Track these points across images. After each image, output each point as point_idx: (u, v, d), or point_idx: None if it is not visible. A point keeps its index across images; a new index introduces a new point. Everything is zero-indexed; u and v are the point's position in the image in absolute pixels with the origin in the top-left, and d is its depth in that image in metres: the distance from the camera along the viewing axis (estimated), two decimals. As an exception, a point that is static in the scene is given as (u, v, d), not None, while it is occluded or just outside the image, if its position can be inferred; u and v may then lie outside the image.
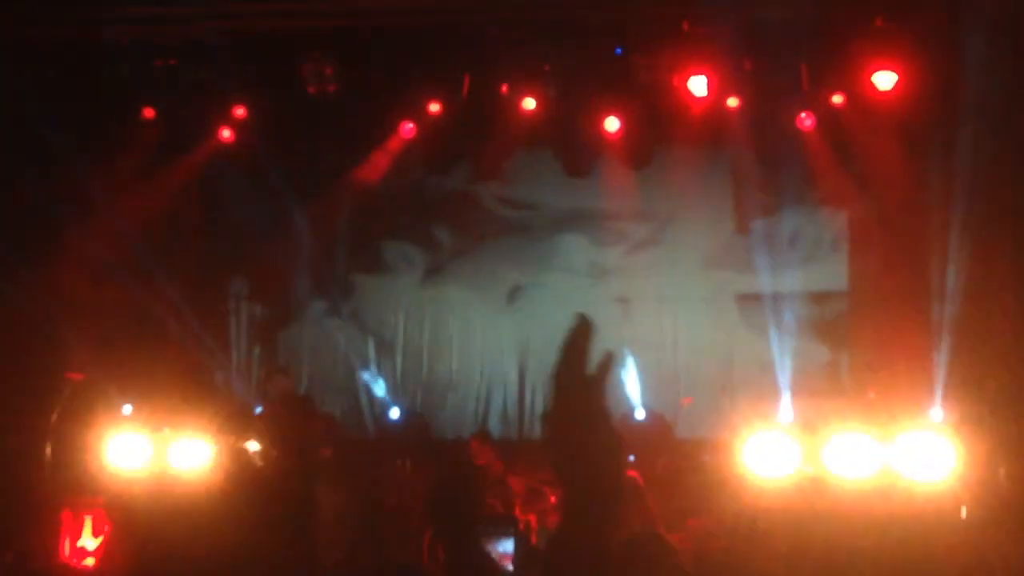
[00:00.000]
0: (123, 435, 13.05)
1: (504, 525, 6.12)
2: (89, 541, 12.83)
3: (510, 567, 5.61)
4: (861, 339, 16.19)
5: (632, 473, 12.68)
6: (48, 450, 13.76)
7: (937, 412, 13.48)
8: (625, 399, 15.74)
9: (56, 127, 14.09)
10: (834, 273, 16.65)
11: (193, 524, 4.16)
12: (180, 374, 15.50)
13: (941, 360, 13.89)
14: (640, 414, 15.89)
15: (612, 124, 15.66)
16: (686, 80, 14.63)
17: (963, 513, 11.62)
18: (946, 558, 11.14)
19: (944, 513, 11.64)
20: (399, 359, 17.27)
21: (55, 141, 14.07)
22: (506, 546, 5.92)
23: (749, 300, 16.66)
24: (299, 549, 4.61)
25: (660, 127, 15.77)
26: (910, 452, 12.11)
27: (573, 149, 16.37)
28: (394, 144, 16.39)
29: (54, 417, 13.92)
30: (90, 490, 12.96)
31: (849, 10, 14.04)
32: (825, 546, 11.77)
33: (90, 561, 12.56)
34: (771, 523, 11.70)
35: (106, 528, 12.49)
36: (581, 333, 4.02)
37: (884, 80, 14.04)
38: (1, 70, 13.36)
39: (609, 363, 3.95)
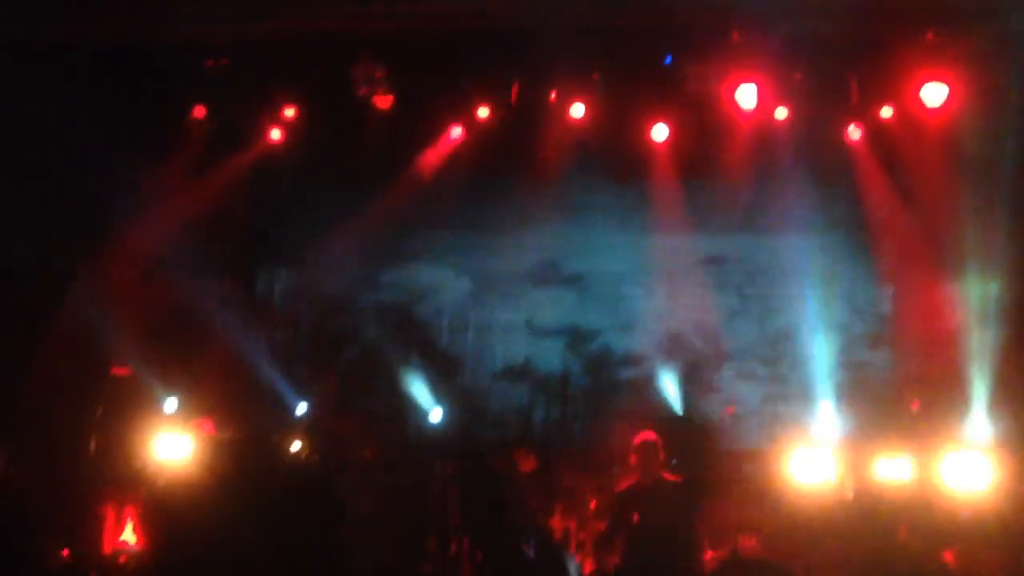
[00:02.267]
0: (166, 431, 13.17)
1: (527, 534, 6.15)
2: (131, 536, 12.93)
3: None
4: (906, 353, 16.11)
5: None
6: (92, 444, 13.86)
7: (978, 428, 13.44)
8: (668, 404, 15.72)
9: (108, 126, 14.18)
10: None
11: (217, 519, 4.22)
12: (225, 371, 15.54)
13: (983, 376, 13.83)
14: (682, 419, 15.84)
15: (660, 132, 15.62)
16: (735, 90, 14.61)
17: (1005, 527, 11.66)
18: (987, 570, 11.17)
19: (986, 526, 11.65)
20: (443, 361, 17.25)
21: (108, 140, 14.16)
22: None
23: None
24: (329, 548, 4.66)
25: (708, 136, 15.69)
26: (952, 468, 12.14)
27: (621, 156, 16.27)
28: (443, 147, 16.39)
29: (99, 412, 14.01)
30: (133, 485, 13.06)
31: (900, 23, 13.96)
32: (867, 557, 11.81)
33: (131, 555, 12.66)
34: (813, 534, 11.74)
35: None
36: None
37: (933, 94, 13.98)
38: (56, 71, 13.46)
39: None
